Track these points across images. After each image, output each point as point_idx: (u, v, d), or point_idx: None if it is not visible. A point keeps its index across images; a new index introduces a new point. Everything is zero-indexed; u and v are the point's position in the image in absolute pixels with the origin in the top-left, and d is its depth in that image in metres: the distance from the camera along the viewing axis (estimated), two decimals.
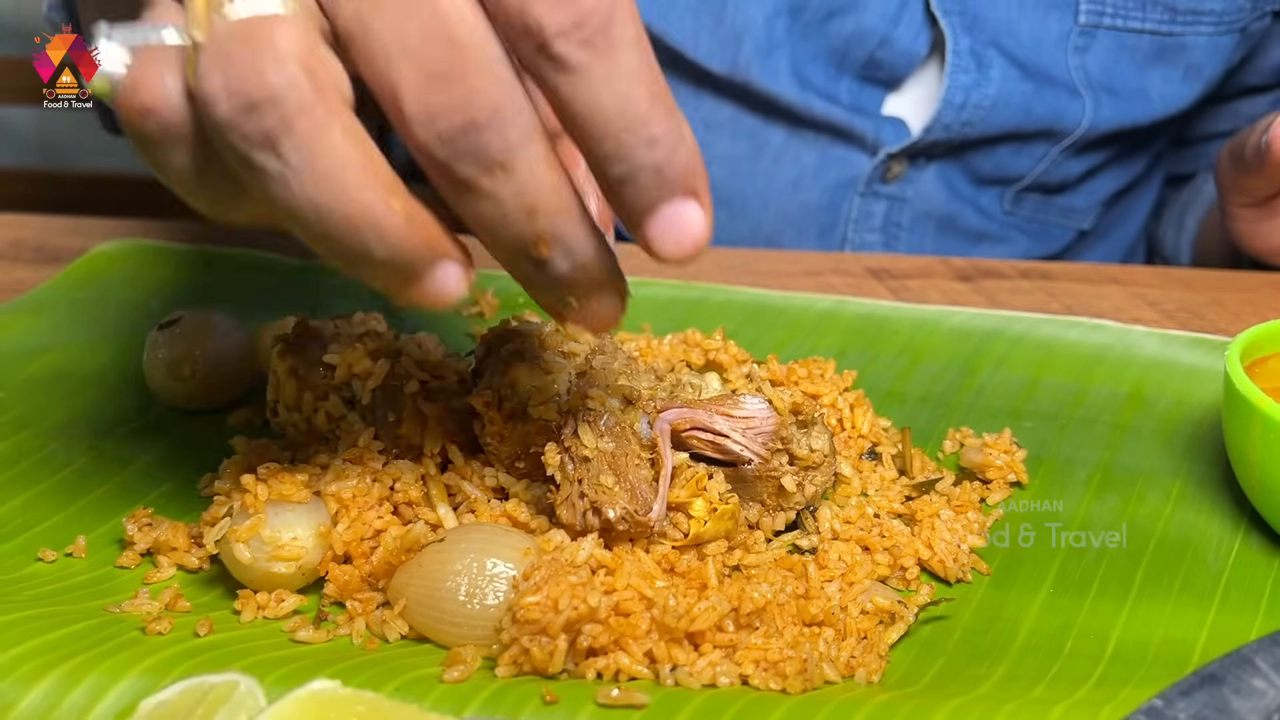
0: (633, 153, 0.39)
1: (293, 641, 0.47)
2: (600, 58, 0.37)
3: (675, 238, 0.41)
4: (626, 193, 0.40)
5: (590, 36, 0.37)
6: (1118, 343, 0.74)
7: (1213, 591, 0.55)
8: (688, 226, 0.41)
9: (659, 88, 0.39)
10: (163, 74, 0.38)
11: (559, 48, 0.37)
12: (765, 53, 0.93)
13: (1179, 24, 0.96)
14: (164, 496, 0.58)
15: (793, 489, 0.54)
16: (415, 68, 0.37)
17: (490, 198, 0.39)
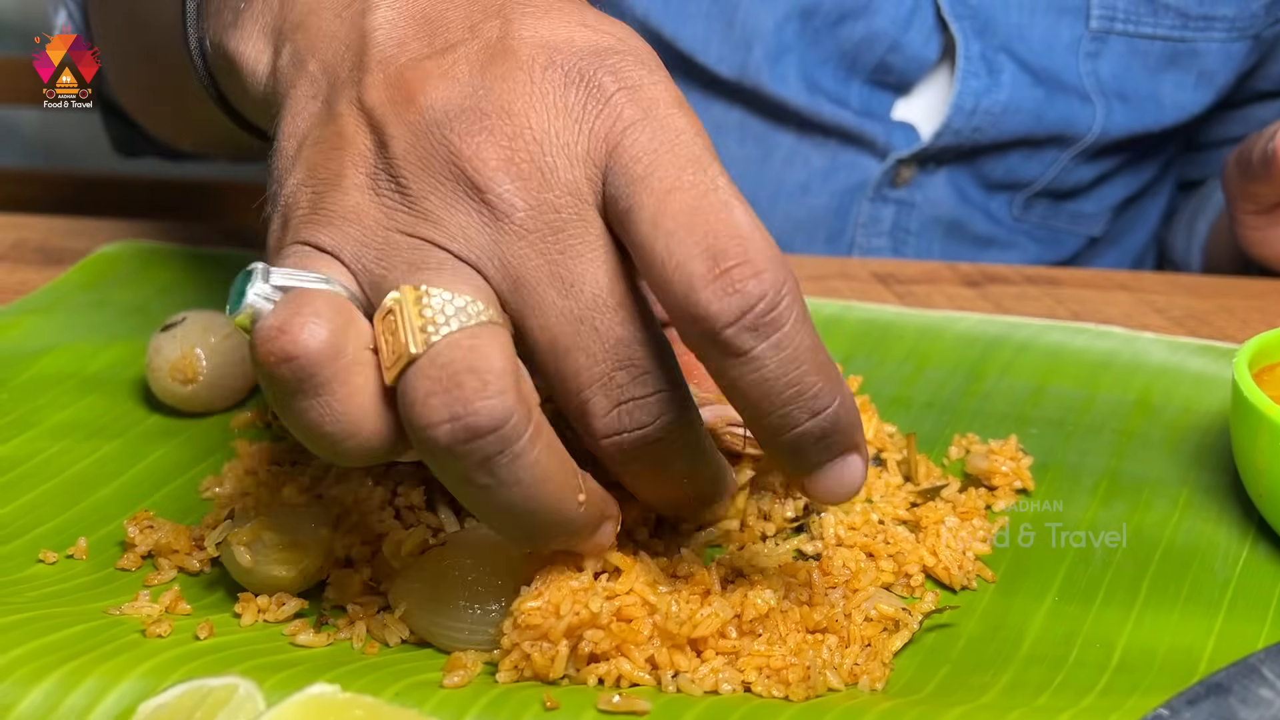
0: (798, 425, 0.41)
1: (293, 645, 0.47)
2: (767, 342, 0.39)
3: (836, 491, 0.44)
4: (791, 458, 0.43)
5: (757, 323, 0.39)
6: (1125, 349, 0.74)
7: (1220, 600, 0.54)
8: (848, 480, 0.44)
9: (823, 357, 0.41)
10: (312, 325, 0.39)
11: (726, 335, 0.39)
12: (775, 57, 0.93)
13: (1191, 30, 0.96)
14: (166, 499, 0.58)
15: None
16: (605, 395, 0.42)
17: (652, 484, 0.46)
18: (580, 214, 0.41)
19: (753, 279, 0.39)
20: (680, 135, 0.41)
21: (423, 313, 0.39)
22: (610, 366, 0.41)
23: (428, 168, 0.41)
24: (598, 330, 0.41)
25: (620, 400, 0.42)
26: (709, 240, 0.39)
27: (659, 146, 0.41)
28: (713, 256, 0.39)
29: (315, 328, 0.39)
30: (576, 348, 0.41)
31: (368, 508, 0.51)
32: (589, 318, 0.41)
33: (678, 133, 0.41)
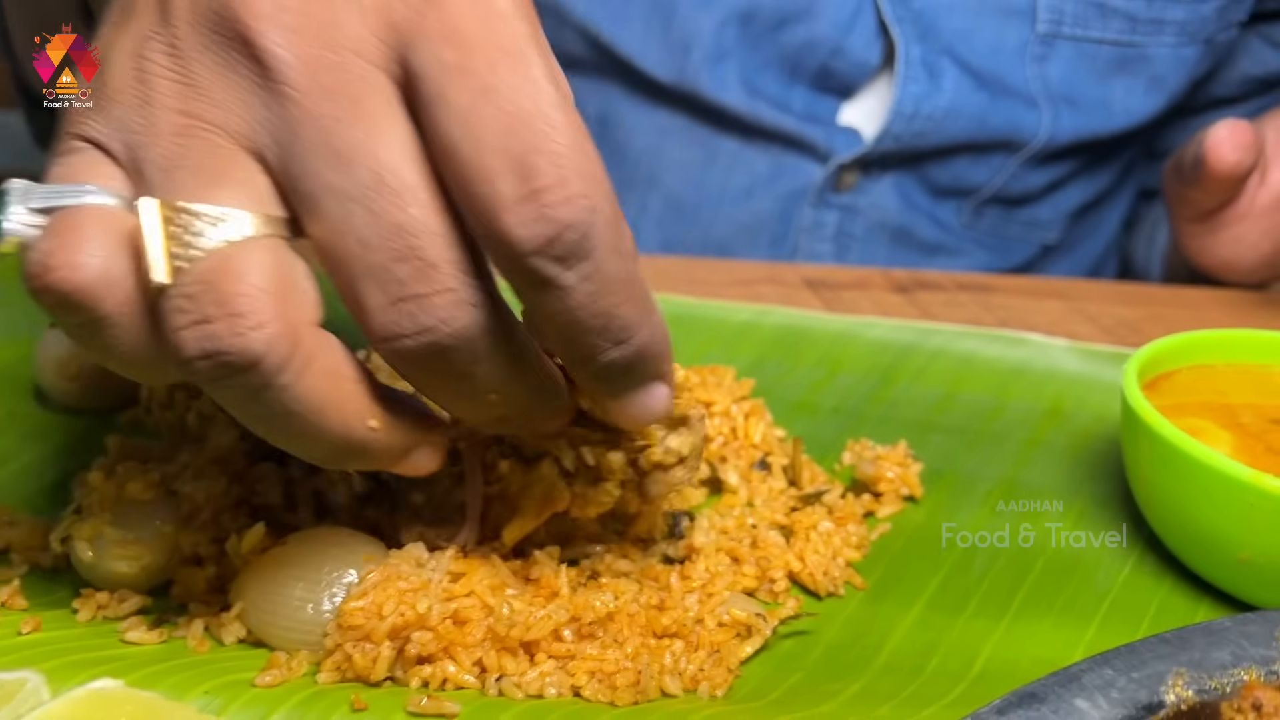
0: (603, 353, 0.39)
1: (123, 642, 0.47)
2: (574, 272, 0.36)
3: (638, 416, 0.43)
4: (597, 385, 0.42)
5: (565, 252, 0.36)
6: (1039, 357, 0.73)
7: (1094, 611, 0.53)
8: (651, 406, 0.43)
9: (634, 287, 0.38)
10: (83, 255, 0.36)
11: (530, 263, 0.36)
12: (714, 61, 0.92)
13: (1140, 34, 0.94)
14: (38, 494, 0.57)
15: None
16: (380, 290, 0.36)
17: (459, 395, 0.40)
18: (365, 78, 0.36)
19: (563, 204, 0.35)
20: (501, 15, 0.36)
21: (172, 233, 0.36)
22: (387, 256, 0.36)
23: (199, 24, 0.37)
24: (373, 213, 0.36)
25: (398, 296, 0.36)
26: (521, 155, 0.35)
27: (476, 27, 0.36)
28: (522, 174, 0.35)
29: (85, 259, 0.36)
30: (348, 233, 0.36)
31: (222, 506, 0.51)
32: (365, 197, 0.36)
33: (499, 12, 0.36)
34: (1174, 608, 0.53)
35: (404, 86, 0.37)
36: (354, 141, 0.36)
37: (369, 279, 0.36)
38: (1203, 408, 0.58)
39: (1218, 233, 0.83)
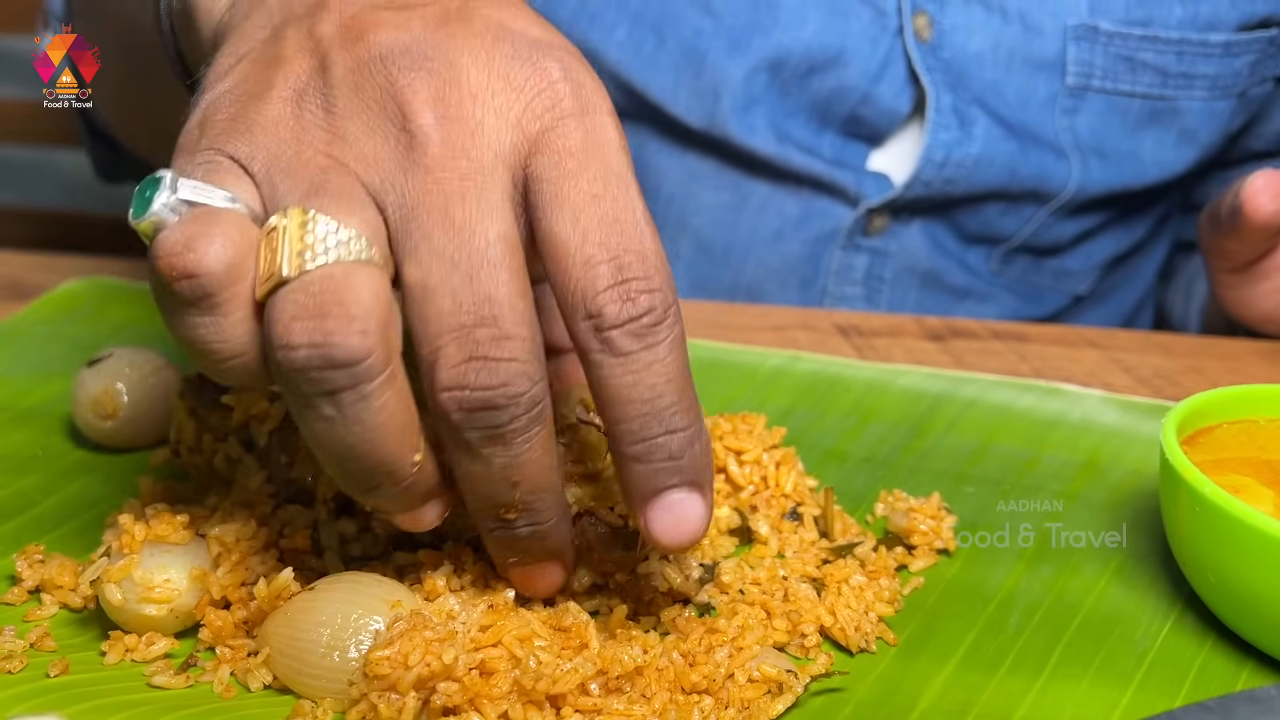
0: (653, 436, 0.43)
1: (149, 686, 0.46)
2: (646, 349, 0.42)
3: (674, 525, 0.45)
4: (637, 470, 0.44)
5: (642, 331, 0.42)
6: (1074, 409, 0.72)
7: (1134, 672, 0.52)
8: (687, 517, 0.45)
9: (689, 388, 0.44)
10: (213, 245, 0.40)
11: (612, 334, 0.42)
12: (743, 108, 0.92)
13: (1171, 87, 0.94)
14: (69, 534, 0.58)
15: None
16: (459, 347, 0.41)
17: (482, 460, 0.43)
18: (493, 171, 0.42)
19: (646, 294, 0.42)
20: (611, 145, 0.44)
21: (305, 237, 0.40)
22: (473, 320, 0.41)
23: (359, 92, 0.42)
24: (471, 279, 0.41)
25: (473, 355, 0.41)
26: (619, 251, 0.42)
27: (591, 148, 0.43)
28: (619, 267, 0.42)
29: (220, 249, 0.40)
30: (445, 291, 0.41)
31: (250, 549, 0.51)
32: (466, 264, 0.41)
33: (609, 141, 0.44)
34: (1216, 670, 0.52)
35: (521, 188, 0.43)
36: (470, 215, 0.41)
37: (451, 334, 0.41)
38: (1244, 464, 0.56)
39: (1256, 284, 0.82)
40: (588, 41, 0.93)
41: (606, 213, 0.42)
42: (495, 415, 0.42)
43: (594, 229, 0.42)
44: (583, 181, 0.42)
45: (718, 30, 0.91)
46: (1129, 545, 0.60)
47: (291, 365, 0.40)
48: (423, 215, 0.41)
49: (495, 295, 0.41)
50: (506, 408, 0.42)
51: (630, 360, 0.42)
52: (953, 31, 0.91)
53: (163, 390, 0.64)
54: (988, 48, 0.91)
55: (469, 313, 0.41)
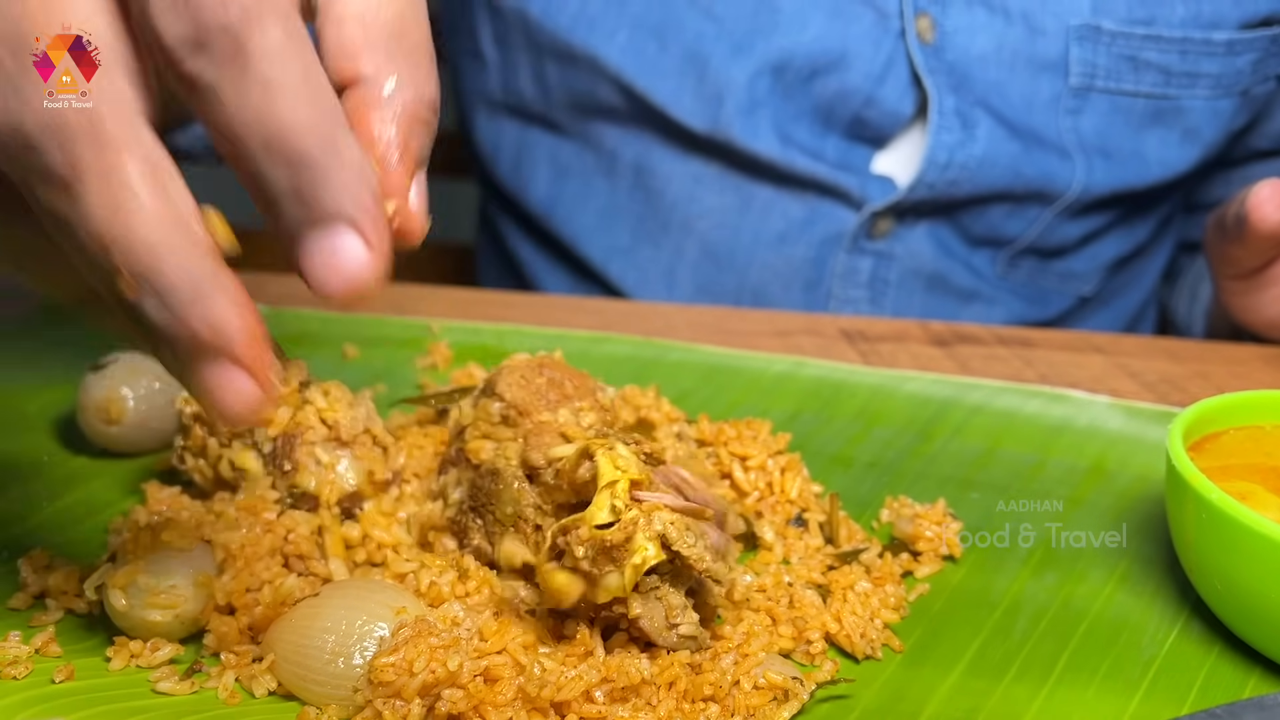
0: (273, 174, 0.35)
1: (154, 692, 0.46)
2: (232, 74, 0.34)
3: (324, 270, 0.37)
4: (276, 218, 0.36)
5: (219, 53, 0.34)
6: (1080, 414, 0.72)
7: (1140, 679, 0.51)
8: (338, 260, 0.36)
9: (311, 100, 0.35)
10: None
11: (186, 67, 0.34)
12: (747, 111, 0.92)
13: (1174, 86, 0.94)
14: (74, 539, 0.58)
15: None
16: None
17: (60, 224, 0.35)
18: None
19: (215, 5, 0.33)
20: None
21: None
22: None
23: None
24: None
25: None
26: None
27: None
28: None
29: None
30: None
31: (255, 555, 0.51)
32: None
33: None
34: (1223, 677, 0.52)
35: None
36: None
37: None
38: (1251, 470, 0.56)
39: (1262, 291, 0.82)
40: (589, 47, 0.93)
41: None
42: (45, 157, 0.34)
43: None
44: None
45: (720, 34, 0.91)
46: (1135, 551, 0.60)
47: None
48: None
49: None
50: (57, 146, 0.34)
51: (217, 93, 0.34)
52: (955, 33, 0.91)
53: (167, 396, 0.64)
54: (991, 49, 0.91)
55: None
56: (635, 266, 1.00)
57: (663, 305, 0.92)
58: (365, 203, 0.36)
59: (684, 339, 0.82)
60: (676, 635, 0.48)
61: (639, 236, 0.99)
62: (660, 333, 0.83)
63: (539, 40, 0.95)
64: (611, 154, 0.98)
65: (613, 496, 0.46)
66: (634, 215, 0.99)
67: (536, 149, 1.02)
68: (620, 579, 0.46)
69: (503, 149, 1.04)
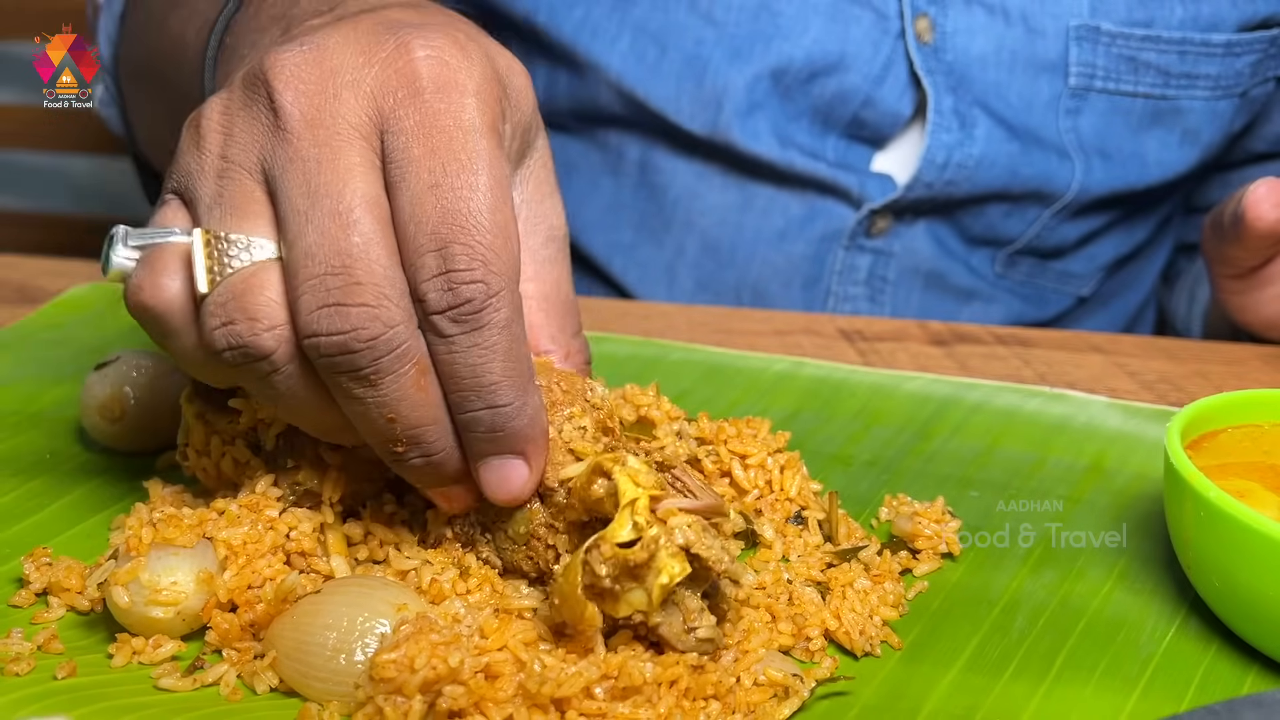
0: (476, 409, 0.47)
1: (156, 689, 0.46)
2: (468, 333, 0.45)
3: (496, 487, 0.49)
4: (467, 437, 0.48)
5: (462, 317, 0.45)
6: (1079, 413, 0.72)
7: (1139, 676, 0.52)
8: (509, 481, 0.49)
9: (515, 365, 0.46)
10: (163, 280, 0.47)
11: (436, 320, 0.45)
12: (745, 114, 0.93)
13: (1173, 87, 0.94)
14: (77, 536, 0.58)
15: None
16: (312, 295, 0.45)
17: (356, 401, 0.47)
18: (349, 139, 0.46)
19: (469, 285, 0.45)
20: (462, 128, 0.46)
21: (210, 254, 0.46)
22: (324, 269, 0.44)
23: (243, 84, 0.48)
24: (324, 234, 0.44)
25: (324, 303, 0.44)
26: (447, 242, 0.45)
27: (437, 132, 0.46)
28: (445, 258, 0.45)
29: (165, 282, 0.47)
30: (302, 247, 0.45)
31: (257, 552, 0.51)
32: (320, 221, 0.45)
33: (462, 124, 0.46)
34: (1221, 675, 0.52)
35: (382, 157, 0.46)
36: (325, 179, 0.45)
37: (306, 285, 0.45)
38: (1249, 469, 0.57)
39: (1259, 290, 0.82)
40: (591, 53, 0.93)
41: (441, 203, 0.45)
42: (354, 359, 0.45)
43: (427, 218, 0.45)
44: (423, 170, 0.45)
45: (719, 39, 0.92)
46: (1133, 549, 0.60)
47: (224, 366, 0.47)
48: (288, 182, 0.46)
49: (346, 248, 0.44)
50: (362, 351, 0.45)
51: (451, 342, 0.46)
52: (954, 34, 0.91)
53: (170, 394, 0.64)
54: (990, 50, 0.92)
55: (321, 263, 0.44)
56: (637, 263, 1.00)
57: (663, 305, 0.93)
58: (537, 440, 0.49)
59: (684, 338, 0.83)
60: (694, 639, 0.48)
61: (641, 233, 1.00)
62: (660, 332, 0.84)
63: (550, 48, 0.96)
64: (617, 153, 0.99)
65: (634, 514, 0.46)
66: (637, 212, 0.99)
67: None
68: (644, 595, 0.46)
69: None
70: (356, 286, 0.44)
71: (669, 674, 0.46)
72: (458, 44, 0.47)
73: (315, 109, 0.46)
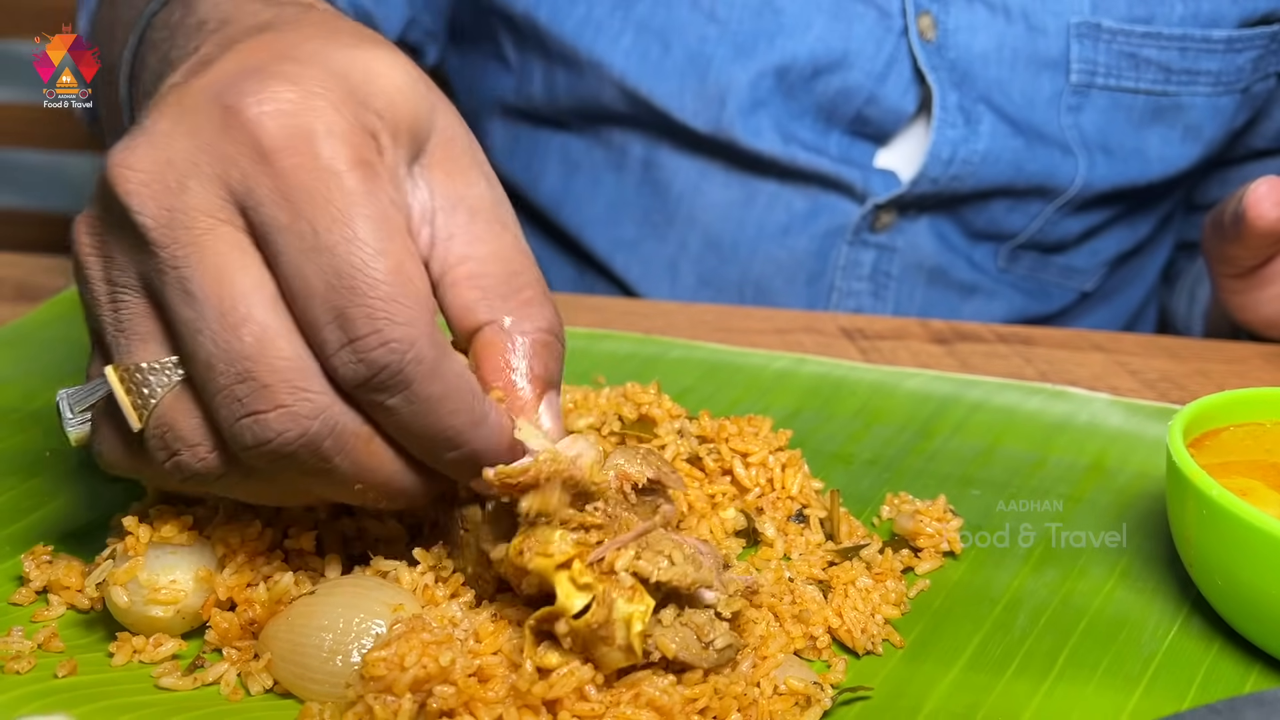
0: (442, 458, 0.45)
1: (157, 687, 0.46)
2: (398, 397, 0.43)
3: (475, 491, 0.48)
4: (452, 472, 0.46)
5: (383, 385, 0.42)
6: (1081, 412, 0.72)
7: (1141, 675, 0.52)
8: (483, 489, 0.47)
9: (462, 403, 0.44)
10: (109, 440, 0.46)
11: (359, 394, 0.43)
12: (748, 111, 0.93)
13: (1175, 84, 0.94)
14: (77, 534, 0.58)
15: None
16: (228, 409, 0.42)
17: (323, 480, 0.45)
18: (211, 231, 0.42)
19: (378, 349, 0.41)
20: (329, 174, 0.42)
21: (128, 389, 0.44)
22: (229, 379, 0.42)
23: (101, 201, 0.44)
24: (216, 341, 0.42)
25: (239, 415, 0.42)
26: (342, 309, 0.41)
27: (303, 189, 0.41)
28: (343, 325, 0.41)
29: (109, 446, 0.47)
30: (199, 359, 0.42)
31: (255, 550, 0.51)
32: (209, 329, 0.42)
33: (323, 174, 0.42)
34: (1223, 673, 0.52)
35: (251, 232, 0.43)
36: (200, 282, 0.42)
37: (217, 401, 0.42)
38: (1251, 467, 0.56)
39: (1260, 289, 0.82)
40: (593, 52, 0.93)
41: (323, 268, 0.41)
42: (293, 459, 0.43)
43: (314, 289, 0.41)
44: (293, 237, 0.41)
45: (722, 37, 0.91)
46: (1135, 548, 0.60)
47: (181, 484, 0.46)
48: (169, 294, 0.43)
49: (242, 350, 0.41)
50: (298, 450, 0.43)
51: (387, 410, 0.43)
52: (957, 31, 0.91)
53: None
54: (992, 47, 0.92)
55: (223, 374, 0.42)
56: (640, 259, 1.00)
57: (664, 303, 0.93)
58: (502, 452, 0.46)
59: (685, 336, 0.82)
60: (715, 651, 0.47)
61: (644, 229, 1.00)
62: (661, 330, 0.84)
63: (549, 46, 0.95)
64: (620, 150, 0.99)
65: (574, 579, 0.44)
66: (640, 208, 0.99)
67: (548, 145, 1.02)
68: (621, 654, 0.44)
69: (515, 148, 1.04)
70: (266, 390, 0.42)
71: (690, 693, 0.45)
72: (294, 82, 0.42)
73: (166, 210, 0.42)
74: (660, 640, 0.45)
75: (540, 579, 0.45)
